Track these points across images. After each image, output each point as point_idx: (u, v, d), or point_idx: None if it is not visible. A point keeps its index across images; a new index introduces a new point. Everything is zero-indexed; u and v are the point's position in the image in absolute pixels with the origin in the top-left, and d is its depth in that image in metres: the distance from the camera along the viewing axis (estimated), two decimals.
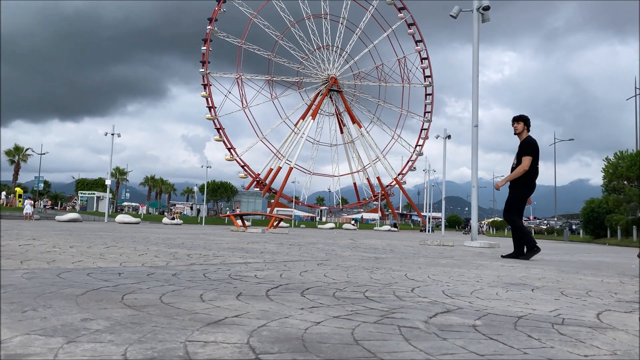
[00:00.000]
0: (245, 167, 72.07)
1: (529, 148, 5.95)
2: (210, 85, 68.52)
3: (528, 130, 6.12)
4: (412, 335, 1.38)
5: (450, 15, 12.72)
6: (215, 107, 69.13)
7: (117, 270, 2.75)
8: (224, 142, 69.86)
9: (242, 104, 71.37)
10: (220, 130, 69.48)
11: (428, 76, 77.42)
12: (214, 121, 69.06)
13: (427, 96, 77.97)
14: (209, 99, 68.84)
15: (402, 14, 73.80)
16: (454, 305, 1.97)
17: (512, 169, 6.08)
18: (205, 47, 68.08)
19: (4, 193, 46.67)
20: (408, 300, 2.07)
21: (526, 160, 5.89)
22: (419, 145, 77.54)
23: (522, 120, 6.14)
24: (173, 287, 2.14)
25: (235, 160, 71.11)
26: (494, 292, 2.48)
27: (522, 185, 5.99)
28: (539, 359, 1.18)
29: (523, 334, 1.47)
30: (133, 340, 1.19)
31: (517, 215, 6.09)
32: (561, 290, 2.70)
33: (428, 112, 77.82)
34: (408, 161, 78.87)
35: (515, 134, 6.20)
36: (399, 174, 78.43)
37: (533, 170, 5.97)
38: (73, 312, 1.49)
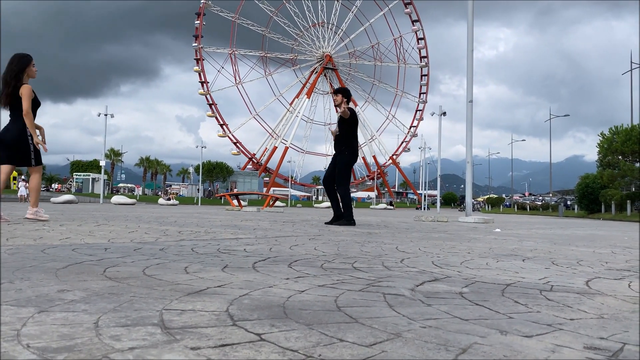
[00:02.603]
0: (237, 144, 71.73)
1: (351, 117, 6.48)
2: (203, 60, 67.80)
3: (348, 102, 6.56)
4: (397, 302, 1.36)
5: None
6: (208, 82, 68.48)
7: (104, 246, 2.71)
8: (216, 118, 69.38)
9: (235, 79, 70.75)
10: (213, 106, 68.94)
11: (424, 57, 76.71)
12: (206, 96, 68.47)
13: (423, 77, 77.38)
14: (201, 73, 68.15)
15: None
16: (442, 275, 1.94)
17: (336, 138, 6.56)
18: (198, 21, 67.12)
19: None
20: (396, 270, 2.05)
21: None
22: (414, 127, 77.29)
23: (340, 93, 6.58)
24: (158, 260, 2.11)
25: (228, 137, 70.72)
26: (484, 262, 2.46)
27: (350, 154, 6.49)
28: (523, 323, 1.16)
29: (510, 300, 1.44)
30: (108, 309, 1.15)
31: (348, 185, 6.67)
32: (552, 260, 2.68)
33: (423, 93, 77.34)
34: (402, 142, 78.68)
35: (335, 105, 6.72)
36: (393, 154, 78.31)
37: (355, 138, 6.59)
38: (50, 284, 1.45)
